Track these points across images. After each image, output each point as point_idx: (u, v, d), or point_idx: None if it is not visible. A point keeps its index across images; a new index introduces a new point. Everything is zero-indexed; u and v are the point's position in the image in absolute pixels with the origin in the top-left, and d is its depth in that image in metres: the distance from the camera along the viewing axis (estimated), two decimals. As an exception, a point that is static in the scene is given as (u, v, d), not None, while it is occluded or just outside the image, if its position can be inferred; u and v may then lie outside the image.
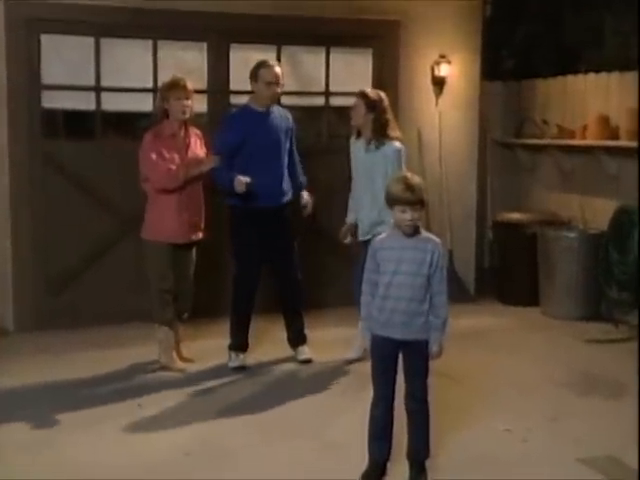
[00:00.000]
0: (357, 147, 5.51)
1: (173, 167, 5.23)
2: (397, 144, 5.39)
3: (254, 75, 5.36)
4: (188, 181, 5.29)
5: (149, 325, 5.52)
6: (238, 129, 5.38)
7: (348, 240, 5.64)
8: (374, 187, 5.30)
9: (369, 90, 5.53)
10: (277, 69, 5.38)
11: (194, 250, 5.51)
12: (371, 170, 5.36)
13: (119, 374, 5.39)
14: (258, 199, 5.35)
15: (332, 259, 6.84)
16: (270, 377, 5.39)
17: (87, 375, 5.33)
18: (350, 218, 5.62)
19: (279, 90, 5.39)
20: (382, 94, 5.46)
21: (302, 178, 5.67)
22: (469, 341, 6.09)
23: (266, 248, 5.49)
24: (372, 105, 5.35)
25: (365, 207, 5.43)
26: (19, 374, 5.34)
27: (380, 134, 5.36)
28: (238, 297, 5.51)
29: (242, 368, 5.48)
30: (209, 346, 5.78)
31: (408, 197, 3.65)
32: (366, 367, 3.94)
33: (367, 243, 5.32)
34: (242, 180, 5.22)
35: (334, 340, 5.97)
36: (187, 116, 5.34)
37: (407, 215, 3.66)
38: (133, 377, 5.34)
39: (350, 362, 5.51)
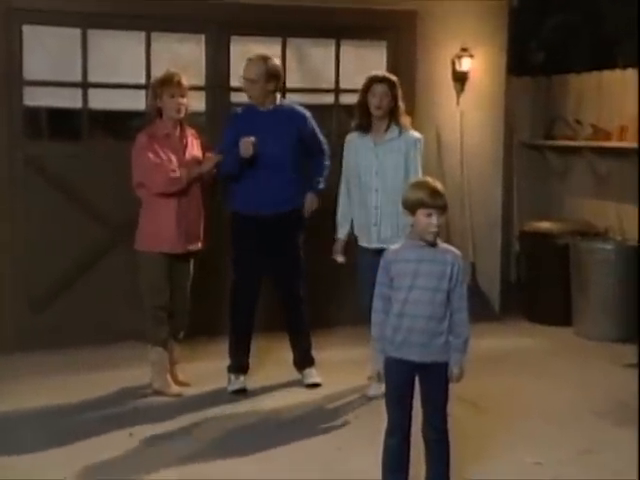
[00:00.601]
0: (362, 142, 5.42)
1: (174, 168, 5.26)
2: (418, 133, 5.44)
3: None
4: (189, 183, 5.31)
5: (142, 345, 5.53)
6: (236, 129, 5.42)
7: (342, 259, 5.55)
8: (385, 184, 5.32)
9: (389, 74, 5.47)
10: (255, 65, 5.32)
11: (192, 262, 5.51)
12: (383, 164, 5.34)
13: (109, 399, 5.38)
14: (257, 205, 5.39)
15: (341, 272, 6.80)
16: (274, 403, 5.37)
17: (75, 400, 5.33)
18: (342, 233, 5.55)
19: (254, 88, 5.32)
20: None
21: (316, 180, 5.60)
22: (494, 364, 6.08)
23: (267, 258, 5.52)
24: (396, 91, 5.36)
25: (370, 209, 5.38)
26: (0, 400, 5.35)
27: (401, 122, 5.36)
28: (235, 308, 5.54)
29: (242, 391, 5.48)
30: (207, 368, 5.78)
31: (436, 200, 3.67)
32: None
33: (374, 253, 5.27)
34: (247, 140, 5.22)
35: (343, 362, 5.96)
36: (182, 115, 5.35)
37: (433, 220, 3.66)
38: (124, 403, 5.33)
39: (371, 399, 5.33)
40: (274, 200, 5.42)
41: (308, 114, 5.59)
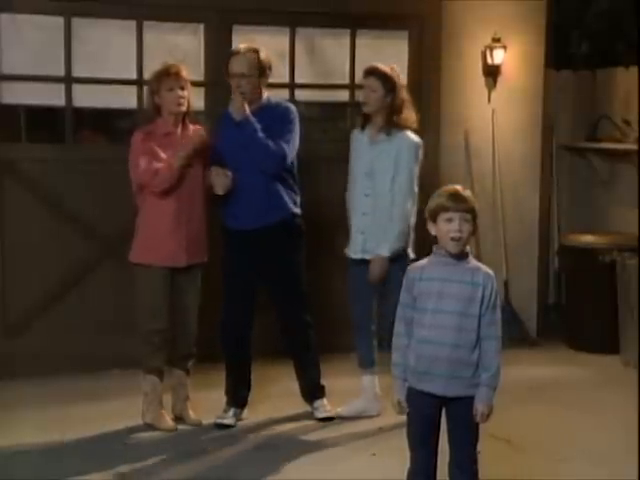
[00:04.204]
0: (359, 140, 5.59)
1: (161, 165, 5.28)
2: (414, 137, 5.50)
3: (225, 68, 5.46)
4: (184, 172, 5.30)
5: (130, 374, 5.59)
6: (222, 131, 5.51)
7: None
8: (375, 189, 5.44)
9: (382, 66, 5.54)
10: (246, 56, 5.38)
11: (197, 278, 5.52)
12: (374, 166, 5.44)
13: (94, 435, 5.39)
14: (242, 218, 5.42)
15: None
16: (282, 440, 5.39)
17: (55, 436, 5.34)
18: None
19: (245, 83, 5.35)
20: (396, 69, 5.58)
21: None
22: (529, 395, 6.12)
23: (258, 281, 5.57)
24: (391, 86, 5.45)
25: (358, 215, 5.52)
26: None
27: (394, 121, 5.45)
28: (225, 337, 5.59)
29: (227, 427, 5.50)
30: (208, 399, 5.78)
31: (457, 202, 3.71)
32: (403, 424, 3.97)
33: (359, 264, 5.47)
34: (220, 172, 5.30)
35: (353, 391, 5.92)
36: (183, 109, 5.38)
37: (454, 224, 3.69)
38: (112, 439, 5.34)
39: (342, 418, 5.64)
40: (260, 210, 5.41)
41: (293, 109, 5.55)
